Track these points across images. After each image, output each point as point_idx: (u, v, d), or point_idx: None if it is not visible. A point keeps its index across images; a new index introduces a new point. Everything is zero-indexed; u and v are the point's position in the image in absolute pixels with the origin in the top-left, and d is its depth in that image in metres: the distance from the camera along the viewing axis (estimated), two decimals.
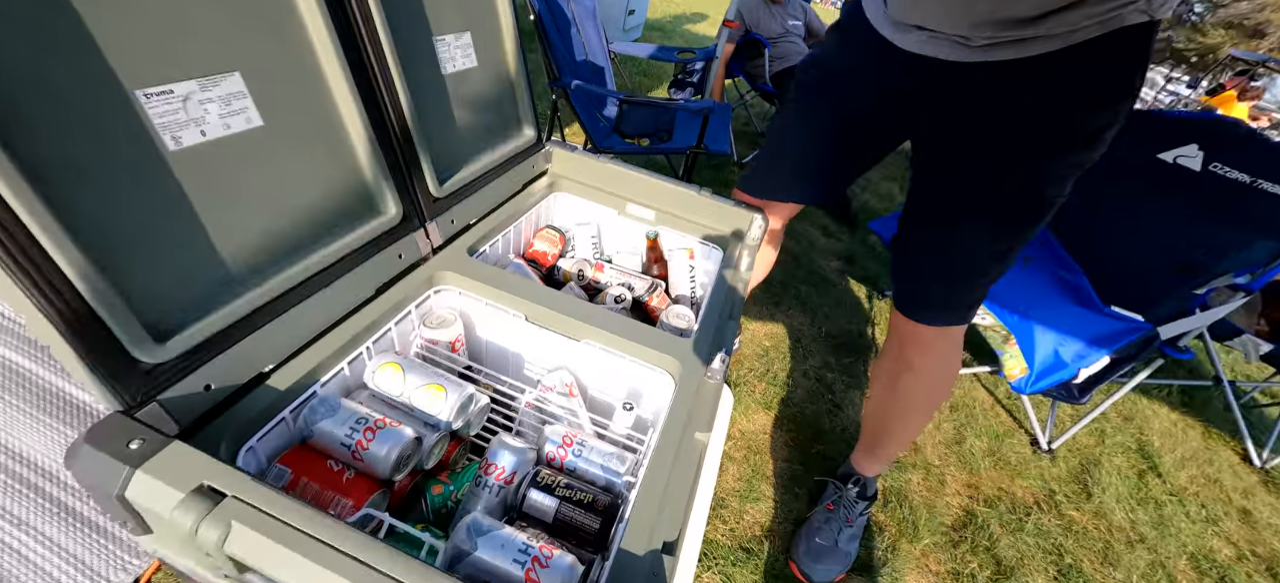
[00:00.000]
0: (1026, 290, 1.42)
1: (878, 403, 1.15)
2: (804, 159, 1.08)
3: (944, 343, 1.01)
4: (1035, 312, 1.45)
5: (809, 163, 1.09)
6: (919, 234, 0.97)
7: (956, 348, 1.04)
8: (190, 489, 0.42)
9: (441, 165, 0.86)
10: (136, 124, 0.47)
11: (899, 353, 1.05)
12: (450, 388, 0.67)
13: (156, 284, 0.49)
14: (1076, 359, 1.43)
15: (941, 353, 1.02)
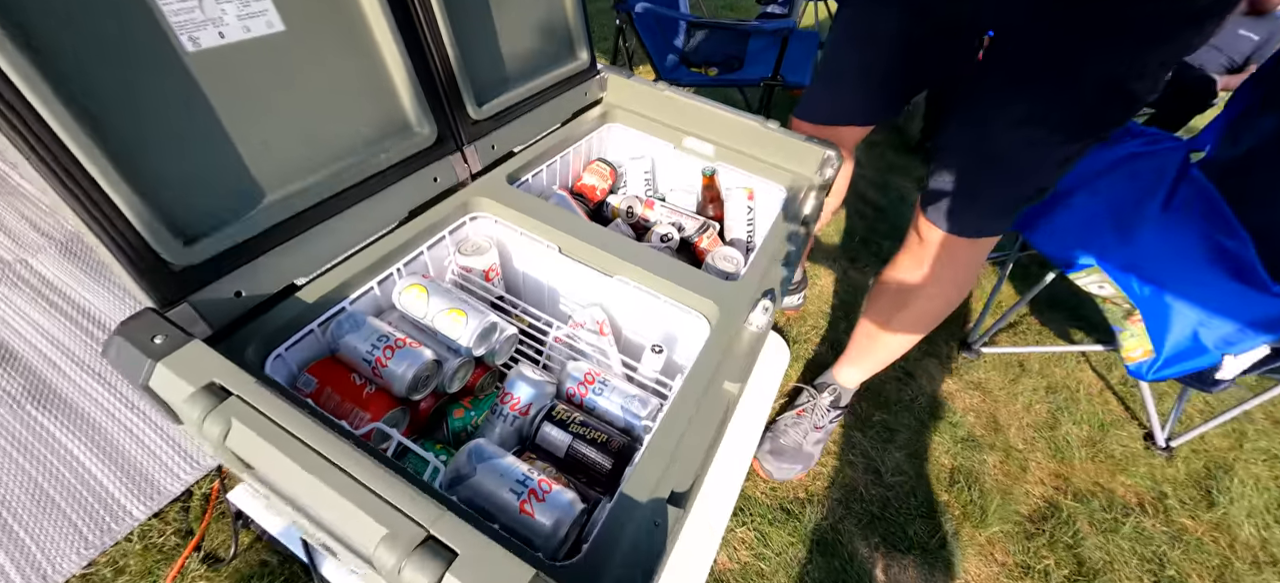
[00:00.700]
0: (1165, 254, 1.17)
1: (878, 311, 1.05)
2: (865, 68, 0.94)
3: (969, 254, 0.90)
4: (1174, 282, 1.20)
5: (872, 73, 0.94)
6: (966, 130, 0.83)
7: (979, 262, 0.93)
8: (201, 385, 0.44)
9: (482, 86, 0.82)
10: (152, 21, 0.47)
11: (917, 262, 0.95)
12: (471, 314, 0.65)
13: (180, 188, 0.50)
14: (1223, 345, 1.18)
15: (963, 265, 0.92)
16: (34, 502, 0.91)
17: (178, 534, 0.91)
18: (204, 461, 0.99)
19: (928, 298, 0.96)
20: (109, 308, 1.20)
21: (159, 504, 0.94)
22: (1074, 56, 0.70)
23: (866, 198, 2.13)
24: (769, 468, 1.11)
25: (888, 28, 0.88)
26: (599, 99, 1.11)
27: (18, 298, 1.19)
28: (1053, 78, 0.72)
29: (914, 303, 0.98)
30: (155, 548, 0.89)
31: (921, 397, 1.37)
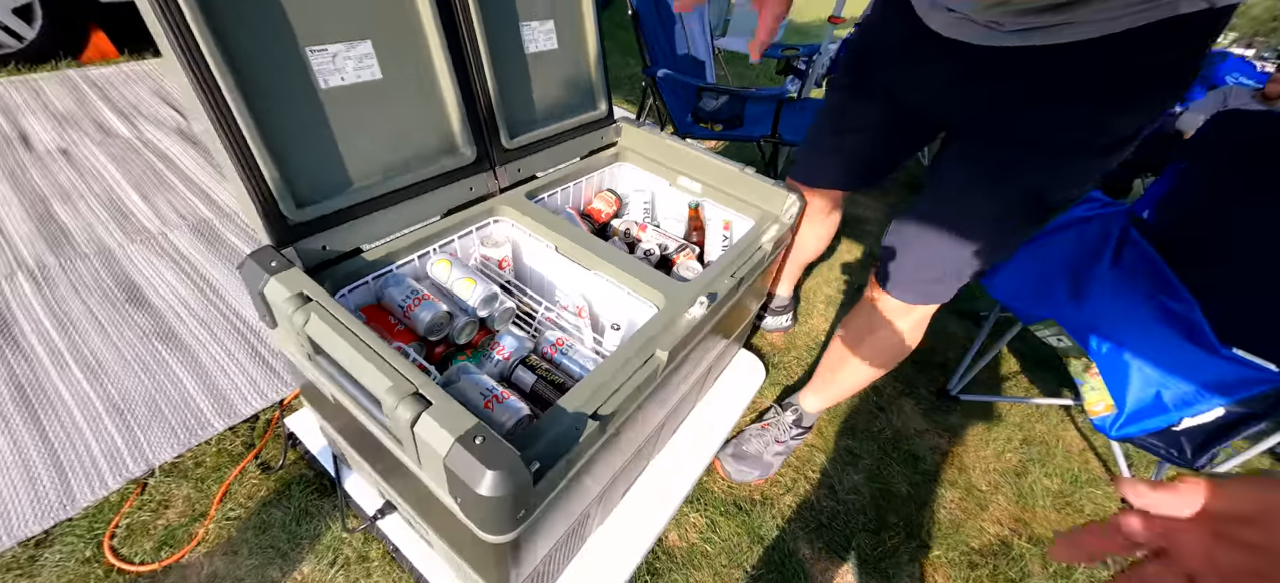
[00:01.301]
0: (1117, 314, 1.25)
1: (836, 349, 1.19)
2: (844, 146, 1.13)
3: (911, 315, 1.03)
4: (1129, 341, 1.28)
5: (849, 150, 1.13)
6: (911, 215, 0.98)
7: (922, 323, 1.06)
8: (294, 292, 0.68)
9: (515, 123, 1.09)
10: (303, 69, 0.74)
11: (869, 313, 1.08)
12: (479, 283, 0.88)
13: (301, 170, 0.77)
14: (1181, 405, 1.24)
15: (906, 323, 1.05)
16: (147, 407, 1.20)
17: (244, 444, 1.16)
18: (269, 396, 1.25)
19: (875, 346, 1.09)
20: (221, 276, 1.53)
21: (233, 421, 1.20)
22: (1004, 172, 0.84)
23: (869, 244, 2.27)
24: (728, 468, 1.25)
25: (861, 112, 1.06)
26: (614, 142, 1.36)
27: (157, 261, 1.54)
28: (981, 190, 0.87)
29: (863, 349, 1.11)
30: (226, 452, 1.15)
31: (889, 430, 1.47)
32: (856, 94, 1.07)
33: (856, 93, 1.07)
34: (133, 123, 2.16)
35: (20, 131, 1.99)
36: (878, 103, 1.03)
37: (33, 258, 1.49)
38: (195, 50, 0.64)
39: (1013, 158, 0.83)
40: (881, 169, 1.16)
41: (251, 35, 0.69)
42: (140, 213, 1.70)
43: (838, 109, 1.14)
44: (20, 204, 1.66)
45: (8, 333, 1.29)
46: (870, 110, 1.05)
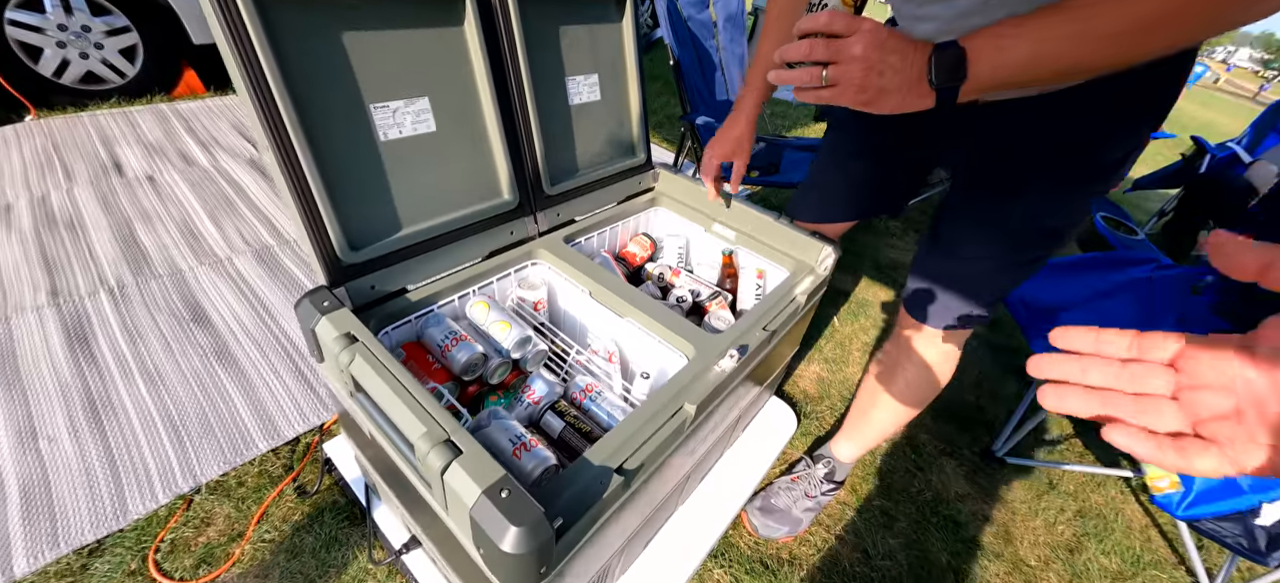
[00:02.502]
0: None
1: (868, 389, 1.16)
2: (844, 178, 1.11)
3: (941, 345, 1.01)
4: None
5: (850, 180, 1.11)
6: (933, 242, 0.99)
7: (953, 354, 1.04)
8: (342, 333, 0.72)
9: (557, 171, 1.13)
10: (366, 123, 0.80)
11: (899, 347, 1.07)
12: (515, 326, 0.91)
13: (357, 214, 0.82)
14: (1260, 488, 1.14)
15: (937, 353, 1.02)
16: (199, 424, 1.26)
17: (284, 467, 1.21)
18: (311, 420, 1.31)
19: (907, 380, 1.07)
20: (277, 300, 1.62)
21: (276, 443, 1.25)
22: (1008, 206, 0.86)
23: None
24: (755, 522, 1.21)
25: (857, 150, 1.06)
26: (651, 187, 1.38)
27: (221, 283, 1.65)
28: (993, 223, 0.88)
29: (896, 383, 1.09)
30: (267, 474, 1.19)
31: (928, 491, 1.40)
32: (844, 125, 1.08)
33: (853, 135, 1.07)
34: (211, 152, 2.35)
35: (115, 159, 2.19)
36: (874, 143, 1.03)
37: (114, 277, 1.62)
38: (273, 107, 0.70)
39: (1011, 188, 0.85)
40: (881, 203, 1.14)
41: (324, 94, 0.75)
42: (211, 237, 1.84)
43: (830, 141, 1.14)
44: (109, 226, 1.82)
45: (86, 346, 1.40)
46: (857, 136, 1.05)
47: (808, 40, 0.63)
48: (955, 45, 0.58)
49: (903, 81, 0.61)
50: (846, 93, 0.62)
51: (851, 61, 0.61)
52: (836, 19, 0.61)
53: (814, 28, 0.62)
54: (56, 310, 1.49)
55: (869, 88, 0.61)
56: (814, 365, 1.78)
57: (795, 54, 0.64)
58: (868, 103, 0.63)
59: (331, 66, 0.76)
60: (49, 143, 2.25)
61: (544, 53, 1.06)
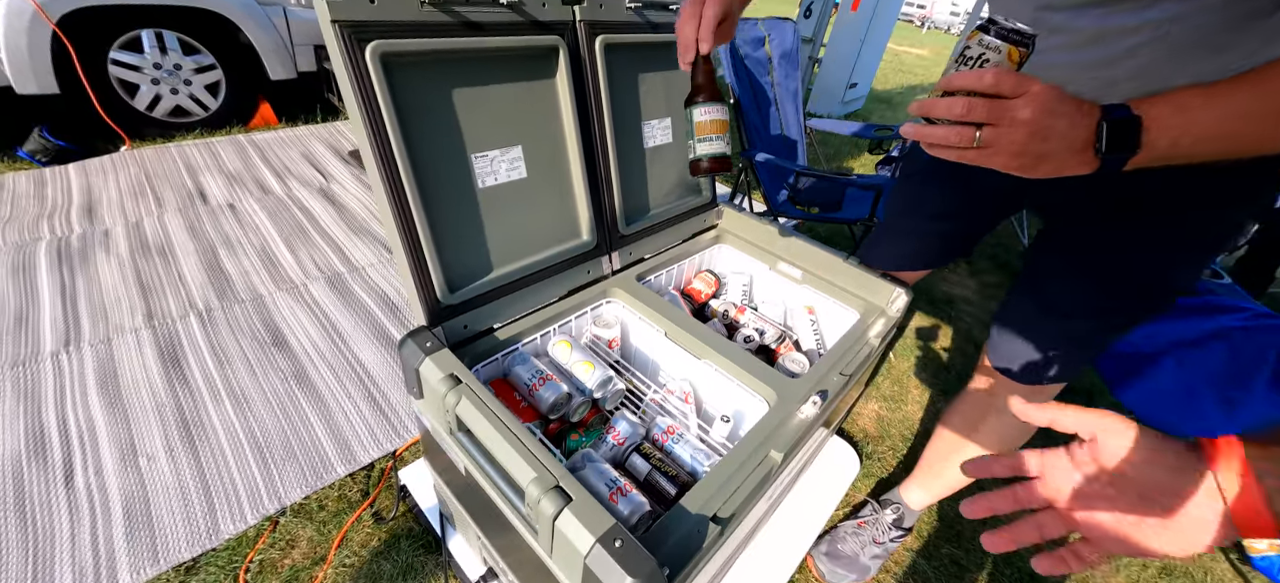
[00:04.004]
0: None
1: (946, 437, 1.12)
2: (920, 228, 1.09)
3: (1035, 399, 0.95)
4: None
5: (927, 232, 1.08)
6: (1029, 298, 0.94)
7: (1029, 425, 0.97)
8: (447, 374, 0.75)
9: (632, 212, 1.16)
10: (467, 173, 0.85)
11: (982, 396, 1.03)
12: (598, 367, 0.93)
13: (456, 257, 0.86)
14: None
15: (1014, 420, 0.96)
16: (282, 446, 1.33)
17: (360, 492, 1.26)
18: (384, 445, 1.35)
19: (991, 434, 1.04)
20: (348, 325, 1.70)
21: (353, 468, 1.30)
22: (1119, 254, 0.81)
23: (965, 324, 2.14)
24: (823, 568, 1.19)
25: (941, 205, 1.04)
26: (714, 225, 1.40)
27: (298, 309, 1.74)
28: (1114, 281, 0.82)
29: (978, 437, 1.06)
30: (345, 498, 1.24)
31: None
32: (930, 177, 1.04)
33: (930, 175, 1.04)
34: (284, 181, 2.50)
35: (200, 188, 2.35)
36: (954, 184, 1.00)
37: (202, 301, 1.73)
38: (392, 164, 0.75)
39: (1137, 244, 0.79)
40: (960, 249, 1.11)
41: (434, 147, 0.80)
42: (287, 263, 1.94)
43: (912, 192, 1.11)
44: (196, 252, 1.95)
45: (178, 368, 1.50)
46: (947, 192, 1.02)
47: (963, 99, 0.56)
48: (1128, 112, 0.54)
49: (1065, 147, 0.55)
50: (1000, 156, 0.57)
51: (1016, 126, 0.54)
52: (1005, 79, 0.55)
53: (976, 86, 0.56)
54: (152, 332, 1.59)
55: (1028, 153, 0.55)
56: (872, 403, 1.75)
57: (943, 110, 0.58)
58: (1022, 168, 0.57)
59: (442, 122, 0.81)
60: (142, 172, 2.43)
61: (624, 100, 1.10)
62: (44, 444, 1.26)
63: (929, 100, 0.60)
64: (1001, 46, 0.57)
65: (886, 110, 5.89)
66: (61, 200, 2.18)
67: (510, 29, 0.85)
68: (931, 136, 0.60)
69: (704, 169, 0.84)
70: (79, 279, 1.76)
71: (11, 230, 1.96)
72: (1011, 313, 0.97)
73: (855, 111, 5.30)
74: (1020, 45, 0.57)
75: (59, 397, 1.38)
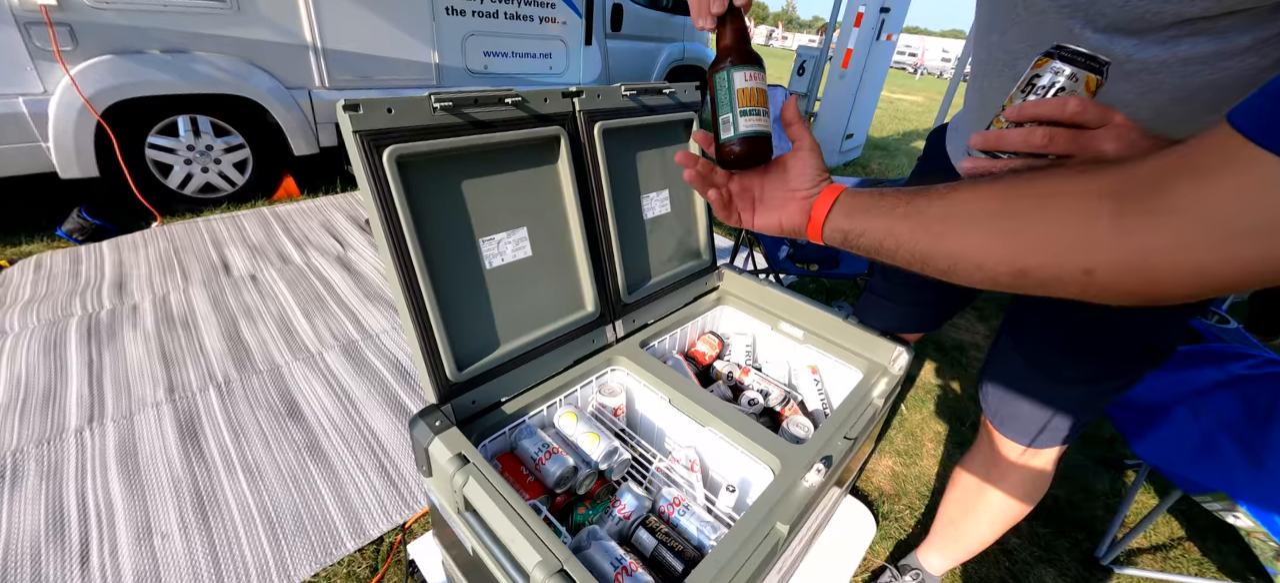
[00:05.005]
0: None
1: (957, 500, 1.10)
2: (910, 294, 1.10)
3: (1036, 459, 0.96)
4: None
5: (917, 298, 1.10)
6: (1016, 353, 0.93)
7: (1047, 468, 0.97)
8: (455, 454, 0.77)
9: (634, 281, 1.20)
10: (475, 256, 0.90)
11: (989, 459, 1.01)
12: (603, 438, 0.94)
13: (465, 335, 0.90)
14: None
15: (1031, 470, 0.97)
16: (293, 521, 1.33)
17: (369, 567, 1.25)
18: (394, 517, 1.36)
19: (1000, 495, 1.02)
20: (361, 393, 1.73)
21: (362, 542, 1.30)
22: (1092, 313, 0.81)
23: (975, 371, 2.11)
24: None
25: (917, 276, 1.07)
26: (716, 287, 1.44)
27: (313, 378, 1.78)
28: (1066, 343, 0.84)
29: (986, 499, 1.04)
30: (354, 575, 1.23)
31: None
32: None
33: None
34: (304, 251, 2.60)
35: (224, 260, 2.46)
36: None
37: (221, 373, 1.78)
38: (405, 252, 0.80)
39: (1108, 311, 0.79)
40: (950, 312, 1.12)
41: (444, 234, 0.85)
42: (304, 332, 2.00)
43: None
44: (218, 324, 2.02)
45: (195, 441, 1.53)
46: None
47: (1045, 129, 0.53)
48: None
49: None
50: None
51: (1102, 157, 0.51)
52: (1089, 107, 0.51)
53: (1058, 115, 0.52)
54: (172, 406, 1.64)
55: None
56: (886, 459, 1.72)
57: (1018, 141, 0.54)
58: None
59: (452, 211, 0.87)
60: (170, 246, 2.55)
61: (623, 177, 1.16)
62: (63, 524, 1.28)
63: (998, 132, 0.56)
64: (1079, 74, 0.53)
65: (884, 157, 6.00)
66: (94, 277, 2.29)
67: (515, 123, 0.92)
68: (997, 168, 0.56)
69: (739, 155, 0.61)
70: (106, 354, 1.83)
71: (46, 308, 2.05)
72: (1002, 372, 0.97)
73: (853, 160, 5.42)
74: (1097, 73, 0.53)
75: (80, 474, 1.41)
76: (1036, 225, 0.42)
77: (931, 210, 0.49)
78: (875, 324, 1.19)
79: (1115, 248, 0.37)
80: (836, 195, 0.57)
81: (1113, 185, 0.38)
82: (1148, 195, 0.36)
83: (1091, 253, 0.39)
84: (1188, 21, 0.55)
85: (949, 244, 0.47)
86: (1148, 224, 0.36)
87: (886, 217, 0.53)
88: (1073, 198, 0.40)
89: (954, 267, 0.47)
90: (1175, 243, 0.35)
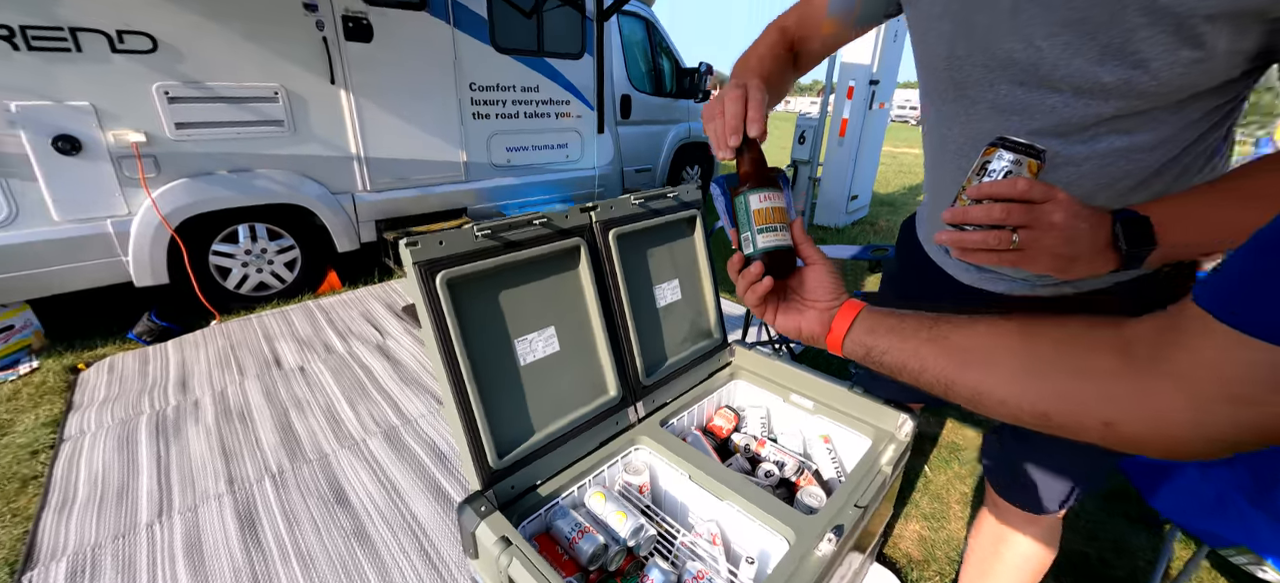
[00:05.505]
0: None
1: (973, 570, 1.12)
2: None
3: (1039, 524, 1.00)
4: None
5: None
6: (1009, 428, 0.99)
7: (1054, 529, 1.02)
8: (499, 537, 0.87)
9: (651, 364, 1.32)
10: (511, 355, 1.03)
11: (994, 527, 1.06)
12: (630, 516, 1.03)
13: (505, 429, 1.02)
14: None
15: (1037, 534, 1.01)
16: None
17: None
18: None
19: (1011, 562, 1.06)
20: (402, 478, 1.84)
21: None
22: None
23: None
24: None
25: None
26: (729, 363, 1.54)
27: (359, 465, 1.91)
28: None
29: (1003, 564, 1.08)
30: None
31: None
32: None
33: None
34: (346, 341, 2.80)
35: (275, 354, 2.66)
36: None
37: (276, 464, 1.92)
38: (453, 358, 0.94)
39: None
40: None
41: (485, 342, 0.99)
42: (349, 420, 2.15)
43: None
44: (271, 416, 2.18)
45: (253, 531, 1.65)
46: None
47: (1002, 205, 0.62)
48: (1135, 213, 0.62)
49: (1091, 247, 0.61)
50: (1039, 259, 0.62)
51: (1049, 229, 0.60)
52: (1035, 186, 0.61)
53: (1010, 193, 0.61)
54: (232, 498, 1.77)
55: (1062, 255, 0.61)
56: (913, 523, 1.73)
57: (980, 216, 0.63)
58: (1058, 269, 0.63)
59: (492, 319, 1.01)
60: (228, 343, 2.77)
61: (636, 272, 1.30)
62: None
63: (963, 208, 0.65)
64: (1023, 159, 0.63)
65: (890, 212, 6.13)
66: (160, 375, 2.50)
67: (541, 240, 1.08)
68: (967, 242, 0.65)
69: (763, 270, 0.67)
70: (172, 449, 2.00)
71: (119, 407, 2.25)
72: (999, 437, 1.03)
73: (861, 219, 5.56)
74: (1037, 158, 0.63)
75: (151, 568, 1.53)
76: (1058, 374, 0.44)
77: (955, 338, 0.52)
78: (880, 393, 1.27)
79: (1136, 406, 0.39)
80: (857, 312, 0.61)
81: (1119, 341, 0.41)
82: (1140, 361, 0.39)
83: (1112, 404, 0.40)
84: (1105, 121, 0.67)
85: (972, 376, 0.49)
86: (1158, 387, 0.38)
87: (911, 339, 0.56)
88: (1089, 350, 0.43)
89: (977, 398, 0.50)
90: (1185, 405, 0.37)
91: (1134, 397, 0.39)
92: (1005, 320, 0.50)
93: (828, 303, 0.65)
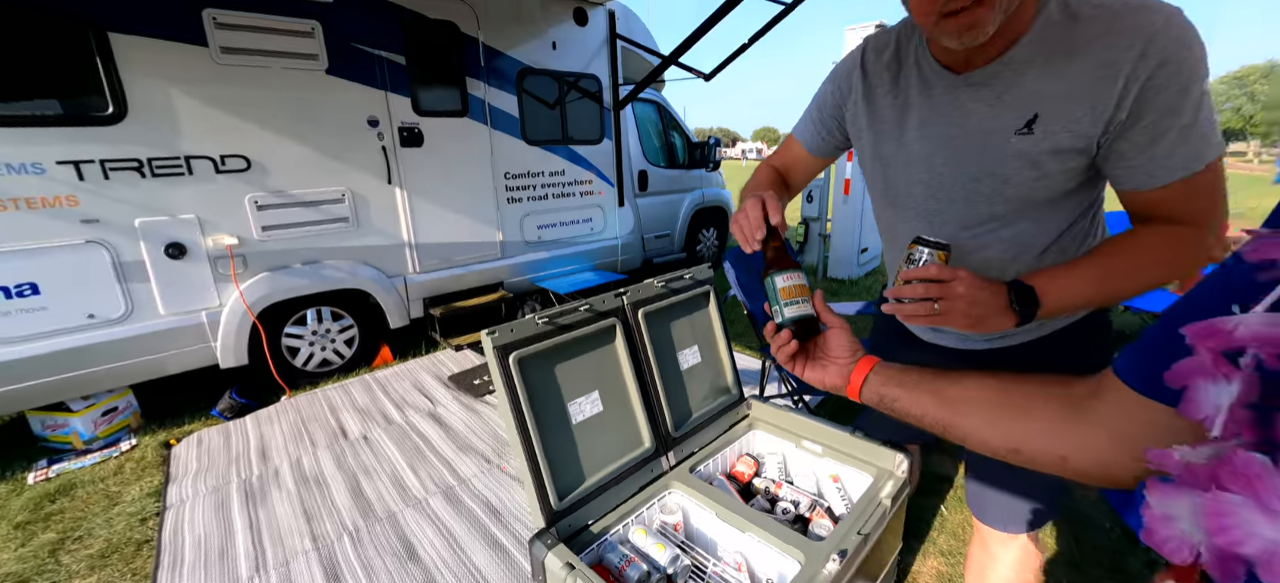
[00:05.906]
0: None
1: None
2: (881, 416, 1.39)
3: (1015, 545, 1.15)
4: None
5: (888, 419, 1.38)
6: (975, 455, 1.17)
7: (1029, 551, 1.16)
8: (564, 563, 1.10)
9: (677, 418, 1.55)
10: (564, 413, 1.29)
11: (982, 547, 1.20)
12: (668, 547, 1.24)
13: (561, 474, 1.26)
14: None
15: (1016, 557, 1.15)
16: None
17: None
18: None
19: (997, 577, 1.22)
20: (463, 532, 2.07)
21: None
22: None
23: None
24: None
25: None
26: (747, 414, 1.76)
27: (424, 522, 2.14)
28: None
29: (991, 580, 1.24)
30: None
31: None
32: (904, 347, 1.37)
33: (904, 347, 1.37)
34: (402, 411, 3.09)
35: (341, 425, 2.96)
36: None
37: (351, 523, 2.17)
38: (523, 420, 1.20)
39: None
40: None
41: (546, 406, 1.26)
42: (412, 483, 2.40)
43: None
44: (343, 481, 2.45)
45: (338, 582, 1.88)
46: None
47: (920, 285, 0.84)
48: (1022, 282, 0.83)
49: (993, 308, 0.82)
50: (956, 319, 0.83)
51: (957, 297, 0.81)
52: (941, 270, 0.84)
53: (923, 276, 0.84)
54: (317, 553, 2.02)
55: (972, 315, 0.82)
56: (931, 560, 1.86)
57: (907, 293, 0.86)
58: (973, 325, 0.83)
59: (550, 387, 1.28)
60: (298, 416, 3.09)
61: (661, 342, 1.56)
62: None
63: (897, 287, 0.88)
64: (933, 253, 0.87)
65: None
66: (242, 447, 2.82)
67: (586, 322, 1.36)
68: (903, 311, 0.88)
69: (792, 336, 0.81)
70: (261, 512, 2.27)
71: (211, 477, 2.55)
72: (974, 461, 1.22)
73: (873, 269, 5.75)
74: (944, 250, 0.87)
75: None
76: (1025, 420, 0.57)
77: (949, 391, 0.65)
78: (878, 436, 1.47)
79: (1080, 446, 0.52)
80: (871, 367, 0.74)
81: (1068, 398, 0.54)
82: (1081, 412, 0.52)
83: (1064, 444, 0.54)
84: (996, 218, 0.93)
85: (962, 421, 0.62)
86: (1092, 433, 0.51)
87: (914, 390, 0.69)
88: (1047, 402, 0.56)
89: (966, 438, 0.63)
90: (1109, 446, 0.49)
91: (1078, 439, 0.52)
92: (988, 377, 0.63)
93: (847, 359, 0.77)
